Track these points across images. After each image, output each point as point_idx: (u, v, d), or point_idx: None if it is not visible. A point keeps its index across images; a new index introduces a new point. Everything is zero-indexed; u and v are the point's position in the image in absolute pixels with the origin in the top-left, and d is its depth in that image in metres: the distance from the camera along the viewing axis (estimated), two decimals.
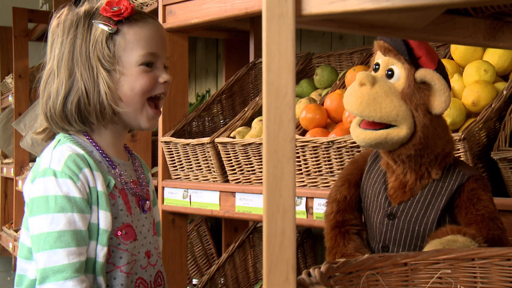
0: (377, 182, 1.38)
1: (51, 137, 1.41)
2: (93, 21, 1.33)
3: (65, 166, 1.27)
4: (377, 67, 1.30)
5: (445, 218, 1.31)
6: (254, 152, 2.07)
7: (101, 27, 1.32)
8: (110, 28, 1.32)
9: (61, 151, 1.30)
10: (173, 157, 2.39)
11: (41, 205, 1.25)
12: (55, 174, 1.26)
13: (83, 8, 1.36)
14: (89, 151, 1.34)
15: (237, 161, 2.14)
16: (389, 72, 1.27)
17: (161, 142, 2.41)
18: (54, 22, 1.38)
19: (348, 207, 1.42)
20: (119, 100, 1.33)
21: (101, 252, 1.28)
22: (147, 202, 1.42)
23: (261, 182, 2.08)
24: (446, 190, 1.31)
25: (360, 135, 1.28)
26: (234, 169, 2.16)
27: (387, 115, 1.24)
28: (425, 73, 1.24)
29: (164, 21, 2.40)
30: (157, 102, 1.39)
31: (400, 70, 1.26)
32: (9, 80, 5.63)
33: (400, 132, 1.25)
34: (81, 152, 1.31)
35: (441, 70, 1.26)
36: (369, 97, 1.23)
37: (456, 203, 1.31)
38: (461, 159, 1.57)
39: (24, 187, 1.34)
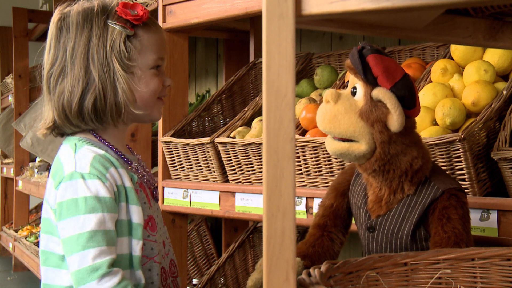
0: (359, 195, 1.43)
1: (57, 133, 1.41)
2: (109, 22, 1.34)
3: (92, 168, 1.28)
4: (347, 83, 1.36)
5: (420, 232, 1.34)
6: (254, 152, 2.07)
7: (118, 29, 1.34)
8: (128, 31, 1.34)
9: (84, 154, 1.31)
10: (173, 157, 2.39)
11: (71, 207, 1.26)
12: (83, 176, 1.27)
13: (95, 4, 1.36)
14: (104, 150, 1.35)
15: (237, 161, 2.14)
16: (354, 90, 1.32)
17: (161, 142, 2.41)
18: (56, 16, 1.38)
19: (332, 215, 1.49)
20: (134, 101, 1.36)
21: (137, 246, 1.30)
22: (157, 190, 1.46)
23: (261, 182, 2.08)
24: (419, 205, 1.33)
25: (328, 144, 1.34)
26: (234, 169, 2.16)
27: (345, 131, 1.29)
28: (379, 92, 1.28)
29: (164, 21, 2.40)
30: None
31: (361, 88, 1.31)
32: (9, 80, 5.63)
33: (360, 147, 1.29)
34: (102, 152, 1.33)
35: (398, 89, 1.28)
36: (330, 114, 1.30)
37: (430, 220, 1.33)
38: (461, 159, 1.57)
39: (47, 193, 1.33)
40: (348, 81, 1.36)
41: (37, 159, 5.26)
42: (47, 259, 1.34)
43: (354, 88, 1.31)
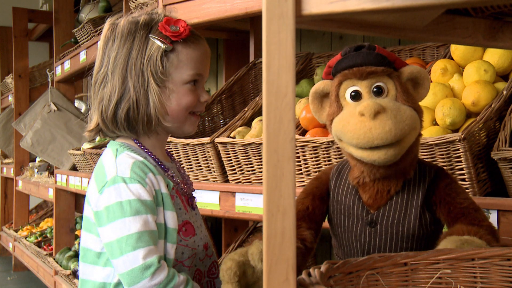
0: (348, 195, 1.38)
1: (103, 136, 1.48)
2: (150, 36, 1.39)
3: (132, 172, 1.34)
4: (354, 94, 1.29)
5: (425, 214, 1.32)
6: (254, 152, 2.07)
7: (157, 44, 1.38)
8: (166, 46, 1.38)
9: (125, 159, 1.37)
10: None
11: (116, 211, 1.31)
12: (125, 180, 1.33)
13: (142, 18, 1.41)
14: (143, 157, 1.41)
15: (237, 161, 2.14)
16: (375, 89, 1.27)
17: None
18: (107, 26, 1.44)
19: (307, 218, 1.40)
20: (166, 114, 1.40)
21: (172, 250, 1.35)
22: (195, 199, 1.51)
23: (261, 182, 2.08)
24: (420, 186, 1.32)
25: (387, 153, 1.24)
26: (234, 169, 2.16)
27: (411, 122, 1.24)
28: (411, 69, 1.28)
29: None
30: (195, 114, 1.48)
31: (386, 83, 1.28)
32: (9, 80, 5.64)
33: (416, 132, 1.26)
34: (141, 158, 1.38)
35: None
36: (391, 120, 1.22)
37: (433, 200, 1.32)
38: (461, 159, 1.57)
39: (89, 194, 1.39)
40: (353, 92, 1.29)
41: (37, 159, 5.26)
42: (84, 255, 1.39)
43: (376, 87, 1.27)
